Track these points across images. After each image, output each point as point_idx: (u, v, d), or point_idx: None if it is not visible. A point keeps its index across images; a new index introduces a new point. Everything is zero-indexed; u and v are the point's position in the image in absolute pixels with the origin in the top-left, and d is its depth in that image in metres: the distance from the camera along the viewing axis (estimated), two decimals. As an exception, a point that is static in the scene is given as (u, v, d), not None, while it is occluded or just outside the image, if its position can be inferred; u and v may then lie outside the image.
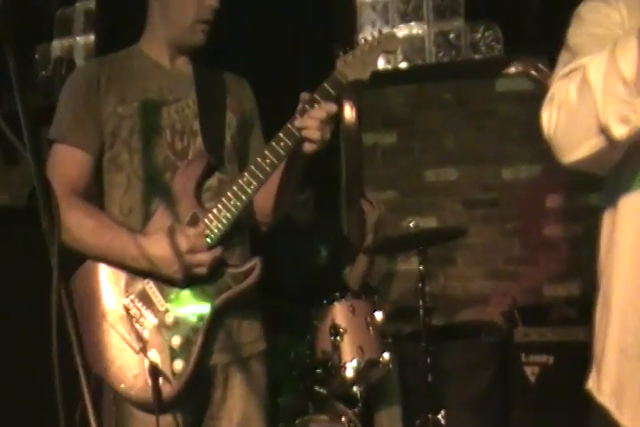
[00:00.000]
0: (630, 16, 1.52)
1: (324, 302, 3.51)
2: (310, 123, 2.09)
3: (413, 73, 4.98)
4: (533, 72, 4.91)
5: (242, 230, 2.32)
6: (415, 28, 5.02)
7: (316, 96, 2.12)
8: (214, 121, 2.32)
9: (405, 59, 5.02)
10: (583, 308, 4.07)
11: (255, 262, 2.21)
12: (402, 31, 5.01)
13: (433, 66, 4.97)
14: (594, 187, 4.64)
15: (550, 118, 1.48)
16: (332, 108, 2.11)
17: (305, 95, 2.14)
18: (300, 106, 2.14)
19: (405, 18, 5.05)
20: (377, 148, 4.98)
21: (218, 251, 2.14)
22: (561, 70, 1.51)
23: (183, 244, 2.08)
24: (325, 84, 2.14)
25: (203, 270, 2.12)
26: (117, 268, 2.16)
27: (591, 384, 1.72)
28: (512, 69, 4.82)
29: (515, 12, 4.86)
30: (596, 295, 1.71)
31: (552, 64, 4.61)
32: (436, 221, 4.80)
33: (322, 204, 4.37)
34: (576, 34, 1.59)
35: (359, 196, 4.60)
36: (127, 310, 2.14)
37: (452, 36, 4.96)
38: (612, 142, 1.40)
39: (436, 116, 4.87)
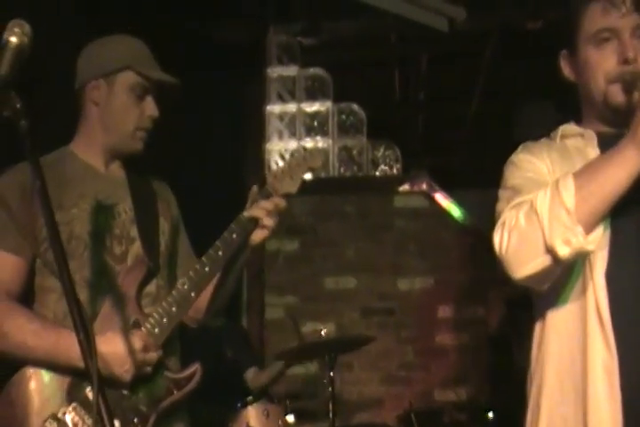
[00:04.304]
0: (554, 167, 1.91)
1: (239, 404, 3.60)
2: (259, 212, 2.23)
3: (317, 185, 5.22)
4: (425, 187, 5.32)
5: (176, 337, 2.37)
6: (320, 142, 5.36)
7: (267, 189, 2.28)
8: (150, 227, 2.39)
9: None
10: (471, 412, 4.35)
11: (196, 368, 2.26)
12: (307, 144, 5.34)
13: (336, 179, 5.32)
14: (480, 299, 5.05)
15: (502, 240, 1.77)
16: (281, 202, 2.26)
17: (255, 188, 2.30)
18: (250, 199, 2.29)
19: (311, 132, 5.39)
20: (279, 254, 5.22)
21: (160, 352, 2.19)
22: (506, 203, 1.83)
23: (137, 342, 2.13)
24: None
25: (149, 370, 2.16)
26: (61, 370, 2.14)
27: None
28: (406, 186, 5.24)
29: (407, 133, 5.29)
30: (526, 402, 1.92)
31: (433, 178, 4.97)
32: (335, 327, 5.03)
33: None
34: (515, 177, 1.93)
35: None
36: (68, 417, 2.11)
37: (354, 152, 5.33)
38: (556, 261, 1.71)
39: (337, 227, 5.19)
